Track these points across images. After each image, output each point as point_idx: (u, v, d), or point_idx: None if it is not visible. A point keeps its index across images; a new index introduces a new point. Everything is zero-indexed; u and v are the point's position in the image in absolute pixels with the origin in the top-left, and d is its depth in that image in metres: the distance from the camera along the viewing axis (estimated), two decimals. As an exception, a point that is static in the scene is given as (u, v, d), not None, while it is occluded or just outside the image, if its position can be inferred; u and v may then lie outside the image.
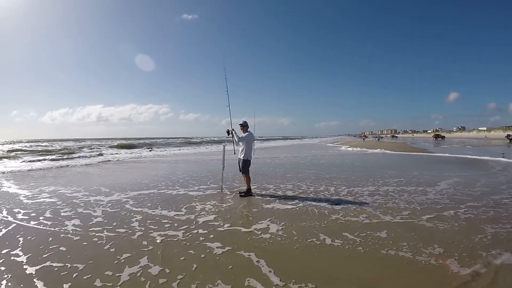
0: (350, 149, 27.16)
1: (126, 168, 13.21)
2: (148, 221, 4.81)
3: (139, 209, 5.60)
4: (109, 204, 6.01)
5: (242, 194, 6.48)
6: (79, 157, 20.59)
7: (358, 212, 5.15)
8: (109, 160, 17.87)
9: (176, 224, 4.66)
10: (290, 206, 5.70)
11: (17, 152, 23.87)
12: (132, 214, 5.27)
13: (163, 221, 4.84)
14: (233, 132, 6.59)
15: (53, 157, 20.07)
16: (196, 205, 5.91)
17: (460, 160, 15.02)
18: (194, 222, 4.73)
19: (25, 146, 32.27)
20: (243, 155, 6.44)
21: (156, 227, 4.50)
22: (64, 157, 20.55)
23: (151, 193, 7.12)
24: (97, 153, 24.33)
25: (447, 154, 18.60)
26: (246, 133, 6.49)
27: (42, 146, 34.62)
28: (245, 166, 6.44)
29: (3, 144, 40.29)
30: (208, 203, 6.03)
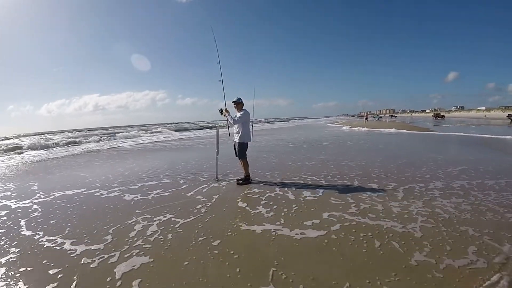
0: (357, 128, 26.62)
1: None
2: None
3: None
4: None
5: (240, 181, 6.01)
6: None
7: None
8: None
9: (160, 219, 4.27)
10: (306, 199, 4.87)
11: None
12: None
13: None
14: (227, 111, 5.97)
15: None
16: (188, 194, 5.53)
17: (487, 140, 14.05)
18: (180, 220, 4.22)
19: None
20: (238, 137, 5.83)
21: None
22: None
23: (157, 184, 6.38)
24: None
25: (461, 133, 18.05)
26: (241, 112, 5.84)
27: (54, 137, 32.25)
28: (241, 150, 5.86)
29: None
30: (201, 193, 5.54)
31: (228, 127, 6.44)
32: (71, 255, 3.25)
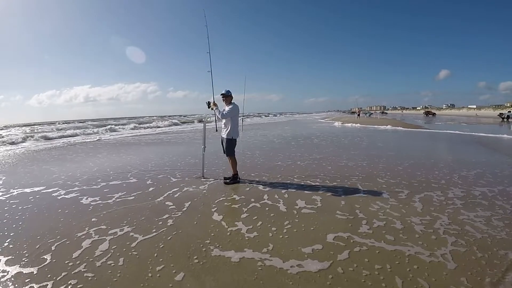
0: (350, 125, 25.81)
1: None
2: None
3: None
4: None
5: (227, 180, 5.49)
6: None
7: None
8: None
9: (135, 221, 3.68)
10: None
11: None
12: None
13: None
14: (215, 105, 5.48)
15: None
16: (169, 194, 4.84)
17: (484, 139, 13.44)
18: (139, 235, 3.40)
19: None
20: (226, 133, 5.36)
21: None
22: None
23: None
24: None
25: (457, 132, 17.57)
26: (230, 106, 5.37)
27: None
28: (229, 146, 5.38)
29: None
30: (171, 198, 4.69)
31: (216, 121, 5.87)
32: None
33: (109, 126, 26.58)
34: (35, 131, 25.82)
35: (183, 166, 7.17)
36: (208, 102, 5.47)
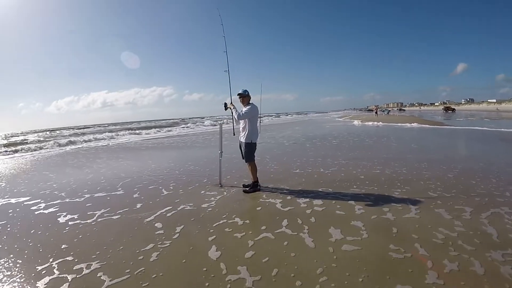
0: (370, 123, 23.94)
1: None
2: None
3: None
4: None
5: (247, 188, 4.95)
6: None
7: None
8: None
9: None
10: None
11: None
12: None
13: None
14: (232, 105, 4.94)
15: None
16: (145, 221, 3.78)
17: None
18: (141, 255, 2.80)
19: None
20: (245, 136, 4.80)
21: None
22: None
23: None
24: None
25: (485, 128, 16.22)
26: (248, 106, 4.80)
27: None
28: (249, 151, 4.81)
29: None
30: (162, 218, 3.88)
31: (233, 124, 5.38)
32: None
33: (155, 129, 27.59)
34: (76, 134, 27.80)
35: (179, 175, 6.27)
36: (225, 103, 4.98)
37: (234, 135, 5.23)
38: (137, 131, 25.15)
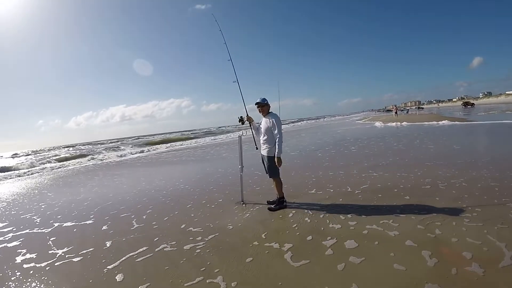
0: (394, 124, 22.93)
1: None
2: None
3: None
4: None
5: (272, 205, 4.55)
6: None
7: None
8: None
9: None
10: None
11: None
12: None
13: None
14: (250, 119, 4.64)
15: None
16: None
17: None
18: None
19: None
20: (268, 149, 4.36)
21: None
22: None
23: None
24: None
25: None
26: (270, 117, 4.36)
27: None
28: (273, 166, 4.33)
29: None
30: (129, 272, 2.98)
31: (254, 138, 4.77)
32: None
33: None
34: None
35: (164, 198, 5.77)
36: (241, 116, 4.60)
37: (256, 149, 4.68)
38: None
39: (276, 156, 4.21)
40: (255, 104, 4.45)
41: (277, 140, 4.21)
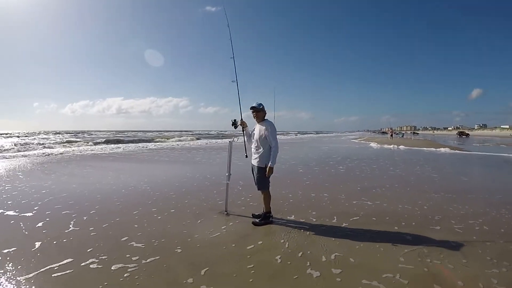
0: (391, 146, 22.21)
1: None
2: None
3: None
4: None
5: (257, 220, 4.17)
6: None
7: None
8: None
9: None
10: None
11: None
12: None
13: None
14: (243, 123, 4.32)
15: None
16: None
17: None
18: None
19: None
20: (258, 159, 3.99)
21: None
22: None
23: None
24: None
25: None
26: (265, 124, 4.01)
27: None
28: (263, 177, 3.95)
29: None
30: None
31: (245, 145, 4.39)
32: None
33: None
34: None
35: (130, 191, 5.59)
36: (234, 120, 4.30)
37: (246, 157, 4.26)
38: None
39: (269, 165, 3.84)
40: (250, 109, 4.09)
41: (272, 150, 3.90)
